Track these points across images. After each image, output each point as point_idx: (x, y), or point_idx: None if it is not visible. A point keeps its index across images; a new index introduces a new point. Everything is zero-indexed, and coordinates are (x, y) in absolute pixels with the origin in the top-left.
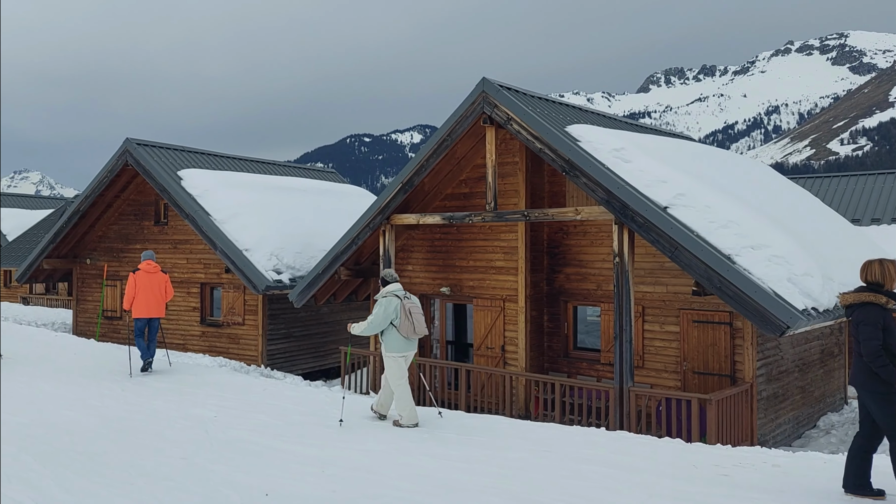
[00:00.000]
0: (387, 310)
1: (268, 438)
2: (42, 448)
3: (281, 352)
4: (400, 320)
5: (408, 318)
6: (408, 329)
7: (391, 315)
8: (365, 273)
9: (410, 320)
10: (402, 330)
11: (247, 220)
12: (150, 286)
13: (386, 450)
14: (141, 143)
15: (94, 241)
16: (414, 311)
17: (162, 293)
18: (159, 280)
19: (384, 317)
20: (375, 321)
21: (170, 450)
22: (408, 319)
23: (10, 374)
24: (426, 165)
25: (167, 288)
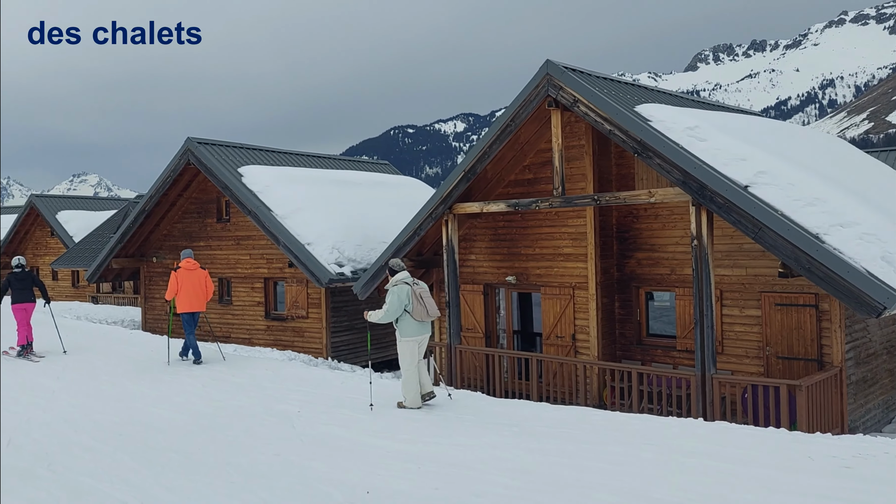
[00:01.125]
0: (400, 297)
1: (356, 433)
2: (137, 447)
3: (344, 344)
4: (412, 305)
5: (420, 303)
6: (421, 313)
7: (404, 301)
8: (427, 264)
9: (423, 304)
10: (415, 314)
11: (307, 214)
12: (192, 282)
13: (478, 444)
14: (202, 141)
15: (159, 240)
16: (424, 295)
17: (203, 288)
18: (199, 276)
19: (399, 304)
20: (391, 309)
21: (262, 446)
22: (420, 303)
23: (94, 373)
24: (489, 152)
25: (207, 283)
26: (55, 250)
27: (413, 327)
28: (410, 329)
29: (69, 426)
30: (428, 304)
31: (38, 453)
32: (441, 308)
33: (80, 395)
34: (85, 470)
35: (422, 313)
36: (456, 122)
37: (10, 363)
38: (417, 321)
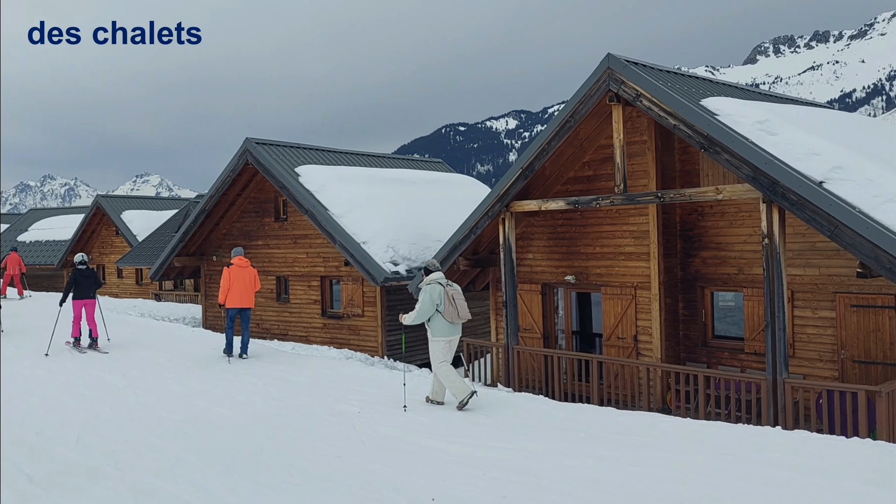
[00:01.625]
0: (432, 297)
1: (418, 436)
2: (202, 446)
3: (400, 342)
4: (444, 306)
5: (451, 304)
6: (452, 314)
7: (437, 301)
8: (483, 263)
9: (454, 305)
10: (446, 315)
11: (363, 213)
12: (243, 279)
13: (544, 450)
14: (260, 141)
15: (218, 239)
16: (457, 297)
17: (252, 285)
18: (250, 273)
19: (430, 304)
20: (423, 308)
21: (324, 448)
22: (451, 305)
23: (159, 370)
24: (547, 149)
25: (256, 280)
26: (120, 249)
27: (444, 328)
28: (442, 329)
29: (136, 424)
30: (459, 306)
31: (105, 451)
32: (498, 308)
33: (145, 392)
34: (151, 469)
35: (453, 314)
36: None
37: (79, 361)
38: (448, 322)
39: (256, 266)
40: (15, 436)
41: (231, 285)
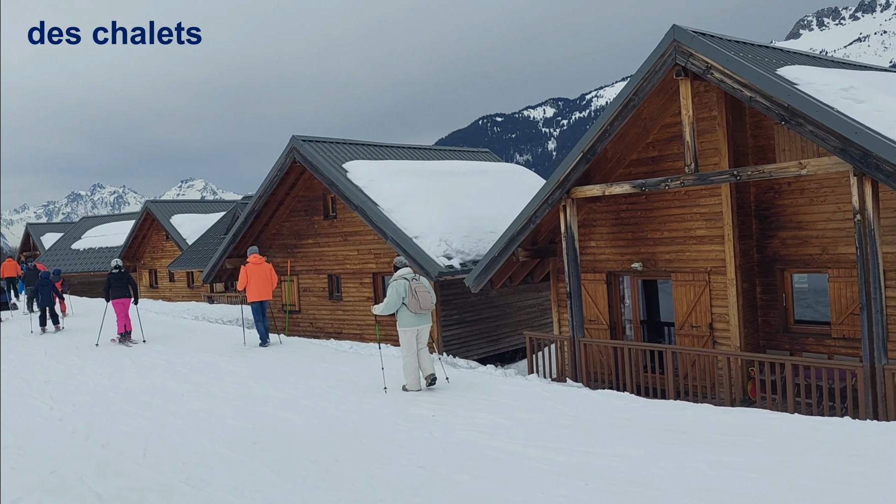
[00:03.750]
0: (398, 290)
1: (501, 441)
2: (273, 456)
3: (455, 338)
4: (408, 298)
5: (414, 297)
6: (415, 305)
7: (402, 294)
8: (543, 253)
9: (416, 298)
10: (411, 307)
11: (413, 207)
12: (259, 275)
13: (647, 455)
14: (306, 139)
15: (268, 239)
16: (419, 290)
17: (268, 280)
18: (265, 269)
19: (397, 297)
20: (390, 301)
21: (403, 456)
22: (414, 297)
23: (219, 374)
24: (609, 130)
25: (272, 275)
26: (170, 253)
27: (410, 318)
28: (408, 320)
29: (202, 433)
30: (421, 298)
31: (174, 464)
32: (560, 299)
33: (208, 398)
34: (224, 484)
35: (416, 306)
36: (545, 108)
37: (140, 367)
38: (413, 312)
39: (307, 265)
40: (81, 449)
41: (248, 281)
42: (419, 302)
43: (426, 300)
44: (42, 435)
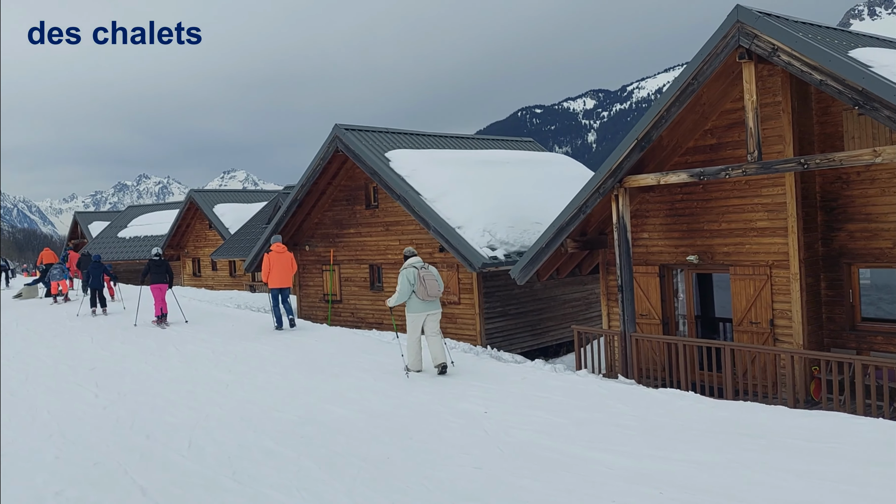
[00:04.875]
0: (408, 279)
1: (561, 442)
2: (320, 451)
3: (498, 330)
4: (416, 286)
5: (422, 284)
6: (422, 292)
7: (412, 282)
8: (592, 244)
9: (424, 285)
10: (418, 294)
11: (456, 196)
12: (281, 263)
13: (723, 462)
14: (349, 127)
15: (311, 229)
16: (427, 278)
17: (289, 268)
18: (287, 258)
19: (408, 285)
20: (401, 290)
21: (456, 456)
22: (422, 285)
23: (263, 365)
24: (666, 116)
25: (293, 263)
26: (213, 242)
27: (418, 305)
28: (416, 306)
29: (247, 425)
30: (429, 286)
31: (220, 457)
32: (610, 293)
33: (252, 388)
34: (271, 480)
35: (423, 293)
36: (585, 100)
37: (184, 356)
38: (421, 299)
39: (349, 255)
40: (125, 439)
41: (271, 269)
42: (426, 289)
43: (433, 288)
44: (86, 423)
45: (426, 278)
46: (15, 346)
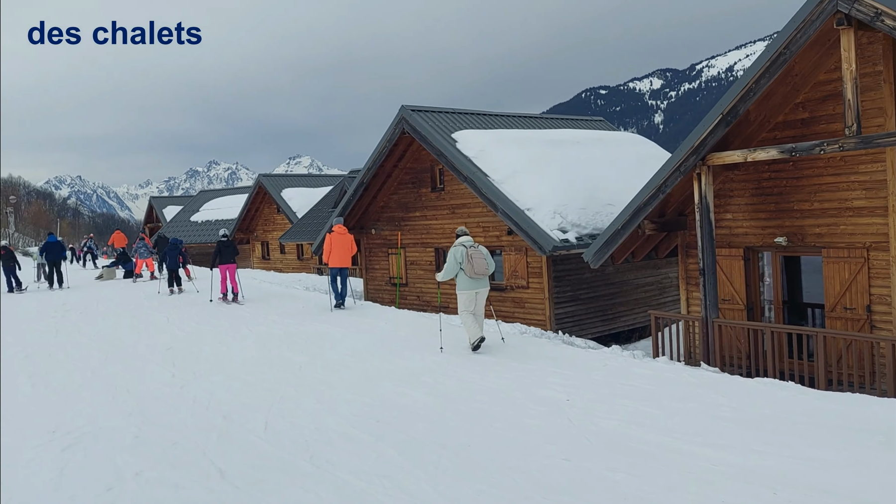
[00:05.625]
0: (456, 257)
1: (653, 434)
2: (399, 437)
3: (568, 315)
4: (465, 264)
5: (470, 262)
6: (470, 270)
7: (460, 260)
8: (671, 226)
9: (472, 263)
10: (466, 272)
11: (525, 177)
12: (341, 244)
13: (839, 460)
14: (415, 108)
15: (377, 212)
16: (476, 257)
17: (348, 249)
18: (347, 239)
19: (455, 263)
20: (448, 267)
21: (541, 445)
22: (469, 263)
23: (335, 346)
24: (755, 89)
25: (352, 245)
26: (281, 226)
27: (467, 282)
28: (465, 283)
29: (323, 407)
30: (476, 264)
31: (297, 441)
32: (689, 276)
33: (325, 370)
34: (349, 466)
35: (471, 271)
36: (652, 80)
37: (258, 337)
38: (469, 277)
39: (414, 238)
40: (203, 419)
41: (332, 249)
42: (474, 267)
43: (481, 266)
44: (164, 403)
45: (474, 257)
46: (96, 325)
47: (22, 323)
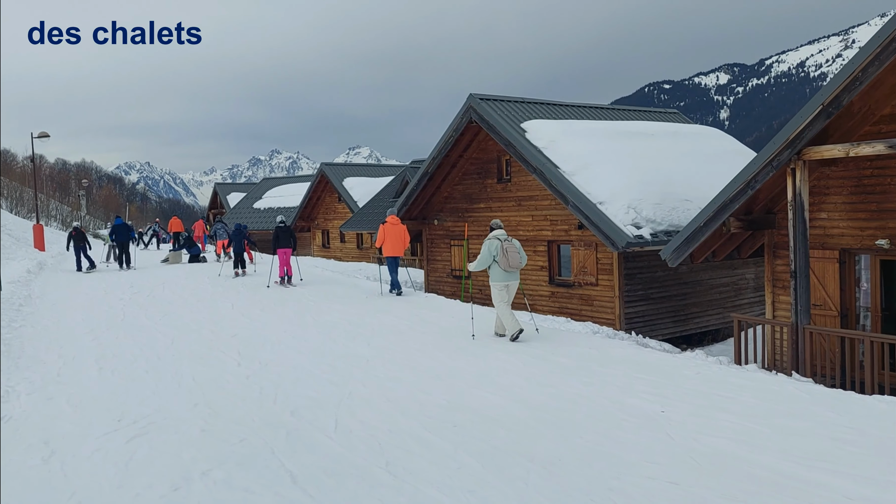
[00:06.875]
0: (490, 249)
1: (769, 457)
2: (479, 445)
3: (639, 315)
4: (499, 257)
5: (504, 255)
6: (504, 263)
7: (493, 253)
8: (758, 224)
9: (506, 257)
10: (501, 264)
11: (597, 170)
12: (395, 234)
13: None
14: (484, 97)
15: (440, 203)
16: (510, 250)
17: (402, 239)
18: (400, 230)
19: (489, 255)
20: (482, 258)
21: (641, 464)
22: (504, 256)
23: (402, 340)
24: (861, 78)
25: (405, 235)
26: (342, 215)
27: (500, 274)
28: (498, 276)
29: (394, 407)
30: (511, 258)
31: (369, 442)
32: (776, 279)
33: (394, 366)
34: (429, 476)
35: (505, 264)
36: (718, 74)
37: (322, 326)
38: (503, 270)
39: (478, 230)
40: (270, 413)
41: (385, 238)
42: (508, 261)
43: (515, 260)
44: (230, 393)
45: (509, 250)
46: (162, 308)
47: (92, 303)
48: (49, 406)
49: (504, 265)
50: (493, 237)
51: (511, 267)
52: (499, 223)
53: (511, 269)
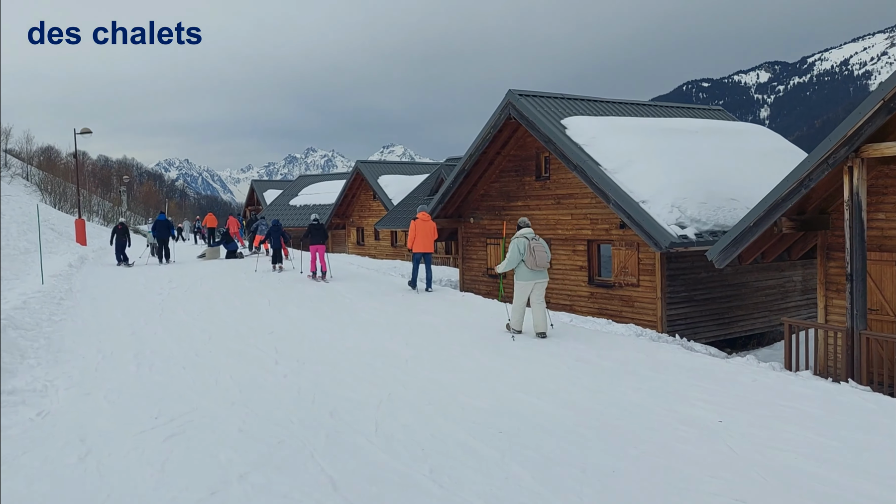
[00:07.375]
0: (518, 248)
1: (842, 474)
2: (528, 454)
3: (681, 317)
4: (526, 256)
5: (531, 255)
6: (531, 262)
7: (521, 251)
8: (811, 225)
9: (533, 256)
10: (528, 263)
11: (639, 168)
12: (425, 231)
13: None
14: (523, 93)
15: (476, 200)
16: (537, 249)
17: (431, 235)
18: (430, 227)
19: (517, 254)
20: (511, 258)
21: (704, 479)
22: (531, 255)
23: (440, 340)
24: None
25: (434, 231)
26: (376, 212)
27: (526, 273)
28: (524, 275)
29: (436, 410)
30: (538, 257)
31: (411, 448)
32: (829, 281)
33: (434, 366)
34: (476, 487)
35: (532, 263)
36: (759, 73)
37: (359, 324)
38: (529, 269)
39: (516, 229)
40: (309, 414)
41: (416, 235)
42: (535, 260)
43: (542, 259)
44: (268, 392)
45: (536, 249)
46: (200, 303)
47: (131, 298)
48: (86, 402)
49: (531, 264)
50: (520, 236)
51: (538, 266)
52: (526, 221)
53: (538, 268)
